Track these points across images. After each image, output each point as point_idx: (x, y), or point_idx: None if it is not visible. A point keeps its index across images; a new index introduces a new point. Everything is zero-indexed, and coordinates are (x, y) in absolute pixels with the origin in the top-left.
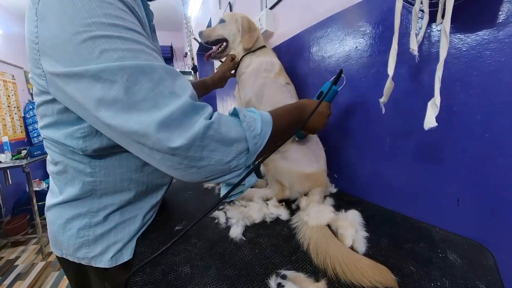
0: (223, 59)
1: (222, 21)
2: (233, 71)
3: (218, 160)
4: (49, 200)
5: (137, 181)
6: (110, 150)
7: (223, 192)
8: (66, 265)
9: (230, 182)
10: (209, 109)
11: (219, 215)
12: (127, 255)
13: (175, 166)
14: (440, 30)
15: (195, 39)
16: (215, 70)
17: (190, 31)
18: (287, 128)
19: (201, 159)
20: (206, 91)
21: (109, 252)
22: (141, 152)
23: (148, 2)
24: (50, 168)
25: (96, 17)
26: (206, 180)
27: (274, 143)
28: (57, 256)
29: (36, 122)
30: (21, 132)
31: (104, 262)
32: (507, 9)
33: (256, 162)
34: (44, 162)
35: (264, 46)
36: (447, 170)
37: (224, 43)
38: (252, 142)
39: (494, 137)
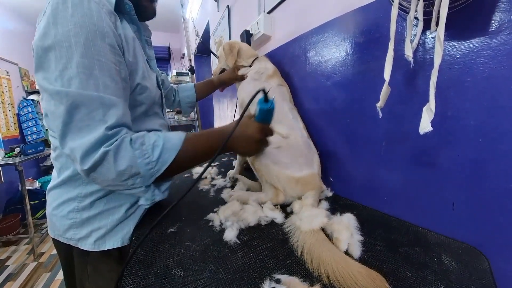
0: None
1: (217, 57)
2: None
3: (114, 179)
4: (50, 184)
5: None
6: None
7: (140, 202)
8: (58, 246)
9: (137, 195)
10: (117, 136)
11: (214, 218)
12: (109, 243)
13: (87, 178)
14: (434, 37)
15: (201, 40)
16: (212, 72)
17: (197, 34)
18: (206, 151)
19: (99, 177)
20: (212, 90)
21: (92, 236)
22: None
23: (146, 23)
24: (51, 154)
25: (71, 42)
26: (115, 190)
27: (190, 164)
28: (52, 238)
29: (30, 119)
30: (15, 129)
31: (88, 246)
32: (499, 18)
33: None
34: (37, 160)
35: (257, 57)
36: (442, 174)
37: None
38: (144, 168)
39: (487, 141)
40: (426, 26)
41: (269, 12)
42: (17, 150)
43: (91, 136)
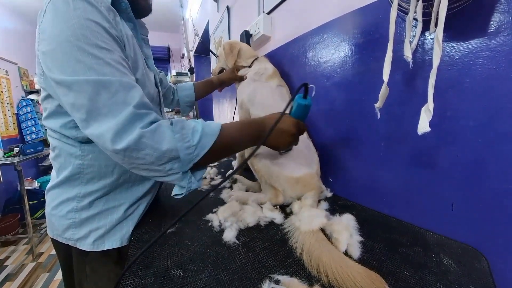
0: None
1: (216, 56)
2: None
3: (153, 162)
4: (49, 183)
5: (120, 168)
6: None
7: (174, 191)
8: (57, 246)
9: (172, 182)
10: (150, 118)
11: (213, 218)
12: (108, 244)
13: (120, 161)
14: (433, 38)
15: (200, 40)
16: (211, 71)
17: (197, 34)
18: (241, 141)
19: (137, 159)
20: (211, 89)
21: (91, 236)
22: (99, 144)
23: (143, 20)
24: (50, 154)
25: (77, 36)
26: (150, 177)
27: (224, 153)
28: (51, 238)
29: (29, 119)
30: (14, 129)
31: (86, 246)
32: (498, 19)
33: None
34: (36, 160)
35: (256, 58)
36: (441, 174)
37: (224, 71)
38: (185, 152)
39: (486, 142)
40: (425, 27)
41: (268, 13)
42: (16, 150)
43: (119, 117)
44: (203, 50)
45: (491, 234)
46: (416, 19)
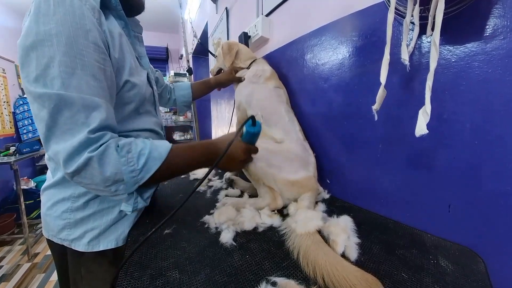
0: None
1: (215, 56)
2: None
3: (98, 183)
4: (44, 183)
5: None
6: None
7: (122, 207)
8: (52, 247)
9: (120, 200)
10: (102, 140)
11: (209, 221)
12: (103, 244)
13: (71, 181)
14: (430, 42)
15: (199, 41)
16: (210, 70)
17: (195, 36)
18: (191, 163)
19: (85, 181)
20: (209, 90)
21: (86, 237)
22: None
23: (136, 17)
24: (46, 155)
25: (53, 41)
26: (99, 194)
27: (174, 174)
28: (46, 239)
29: (26, 118)
30: (10, 128)
31: (81, 246)
32: (494, 23)
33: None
34: (32, 159)
35: (255, 60)
36: (438, 176)
37: (222, 71)
38: (128, 175)
39: (483, 144)
40: (422, 31)
41: (267, 15)
42: (12, 149)
43: (74, 140)
44: (201, 51)
45: (488, 235)
46: (413, 23)
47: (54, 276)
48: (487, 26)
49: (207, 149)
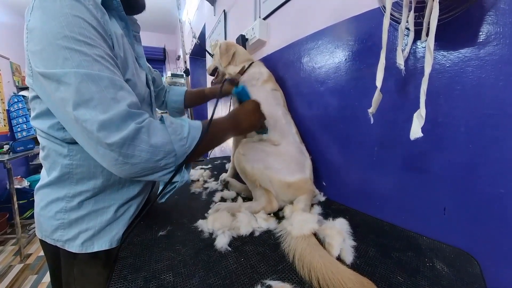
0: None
1: (212, 56)
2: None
3: (148, 159)
4: (38, 183)
5: None
6: None
7: (160, 188)
8: (45, 247)
9: (163, 179)
10: (143, 116)
11: (203, 225)
12: (97, 245)
13: (112, 162)
14: (425, 47)
15: (198, 42)
16: (207, 68)
17: (194, 36)
18: (222, 134)
19: (133, 157)
20: (202, 100)
21: (80, 237)
22: (89, 147)
23: (134, 16)
24: (40, 154)
25: (67, 33)
26: (140, 176)
27: (208, 146)
28: (39, 239)
29: (21, 116)
30: (4, 126)
31: (75, 247)
32: (487, 30)
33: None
34: (26, 158)
35: (252, 62)
36: (433, 179)
37: (218, 71)
38: (178, 144)
39: (477, 147)
40: (417, 36)
41: (264, 18)
42: (6, 147)
43: (111, 113)
44: (198, 52)
45: (483, 238)
46: (408, 28)
47: (47, 278)
48: (481, 33)
49: (232, 117)
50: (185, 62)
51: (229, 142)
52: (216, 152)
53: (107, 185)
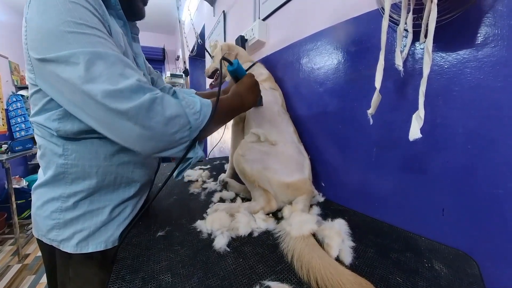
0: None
1: (212, 56)
2: None
3: (164, 131)
4: (36, 182)
5: (105, 169)
6: (81, 135)
7: (182, 166)
8: (42, 247)
9: (178, 155)
10: (156, 90)
11: (201, 226)
12: (92, 246)
13: (129, 133)
14: (423, 49)
15: (200, 42)
16: (205, 70)
17: (197, 36)
18: (229, 111)
19: (149, 128)
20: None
21: (75, 238)
22: (103, 125)
23: (136, 22)
24: (37, 152)
25: (67, 18)
26: (157, 152)
27: (217, 124)
28: (36, 239)
29: (19, 115)
30: (3, 125)
31: (70, 248)
32: (485, 31)
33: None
34: (25, 158)
35: (254, 63)
36: (432, 180)
37: (217, 72)
38: (193, 118)
39: (475, 148)
40: (416, 38)
41: (264, 19)
42: (4, 146)
43: (121, 85)
44: (198, 53)
45: (482, 238)
46: (406, 30)
47: (45, 278)
48: (479, 34)
49: (236, 95)
50: (185, 62)
51: (228, 143)
52: (215, 152)
53: (101, 186)
